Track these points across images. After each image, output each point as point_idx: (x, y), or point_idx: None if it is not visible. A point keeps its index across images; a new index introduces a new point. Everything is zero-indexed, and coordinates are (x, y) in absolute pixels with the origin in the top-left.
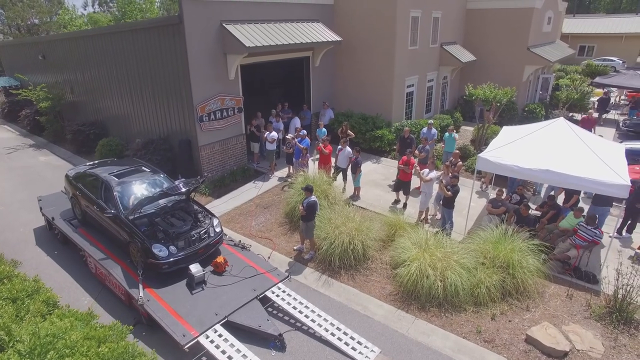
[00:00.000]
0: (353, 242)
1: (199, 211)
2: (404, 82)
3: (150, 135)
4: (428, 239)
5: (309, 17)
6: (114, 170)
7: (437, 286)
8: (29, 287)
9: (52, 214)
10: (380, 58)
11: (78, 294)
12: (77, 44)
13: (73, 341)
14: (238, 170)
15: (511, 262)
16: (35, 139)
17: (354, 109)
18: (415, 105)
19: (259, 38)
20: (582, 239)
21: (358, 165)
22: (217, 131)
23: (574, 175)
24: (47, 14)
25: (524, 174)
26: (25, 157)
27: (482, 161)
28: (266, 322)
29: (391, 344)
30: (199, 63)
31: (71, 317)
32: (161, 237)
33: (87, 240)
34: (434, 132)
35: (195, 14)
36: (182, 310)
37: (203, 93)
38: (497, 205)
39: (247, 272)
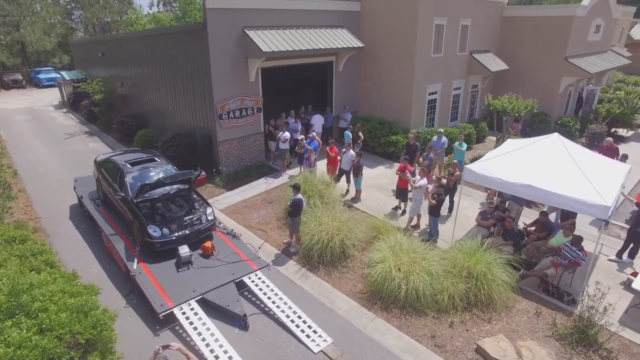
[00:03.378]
0: (332, 240)
1: (196, 200)
2: (425, 89)
3: (179, 129)
4: (402, 243)
5: (334, 23)
6: (130, 159)
7: (400, 288)
8: (35, 249)
9: (82, 193)
10: (401, 64)
11: (90, 263)
12: (127, 44)
13: (49, 291)
14: (253, 166)
15: (477, 273)
16: (90, 127)
17: (375, 114)
18: (439, 113)
19: (278, 43)
20: (565, 257)
21: (360, 168)
22: (235, 129)
23: (554, 192)
24: (118, 14)
25: (507, 187)
26: (79, 142)
27: (469, 172)
28: (235, 303)
29: (345, 337)
30: (220, 65)
31: (57, 274)
32: (158, 220)
33: (104, 218)
34: (444, 141)
35: (218, 20)
36: (165, 285)
37: (223, 93)
38: (486, 217)
39: (231, 258)
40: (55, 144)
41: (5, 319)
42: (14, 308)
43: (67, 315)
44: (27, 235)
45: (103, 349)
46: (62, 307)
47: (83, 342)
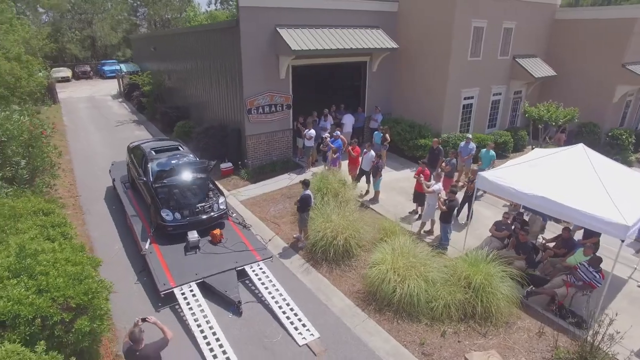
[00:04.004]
0: (337, 238)
1: (211, 189)
2: (460, 94)
3: (213, 122)
4: (405, 246)
5: (369, 23)
6: (157, 146)
7: (394, 292)
8: (56, 221)
9: (116, 176)
10: (435, 67)
11: (114, 240)
12: (174, 40)
13: (53, 258)
14: (279, 162)
15: (476, 284)
16: (139, 116)
17: (407, 116)
18: (474, 119)
19: (308, 42)
20: (579, 278)
21: (378, 169)
22: (263, 124)
23: (568, 206)
24: (178, 11)
25: (520, 198)
26: (127, 130)
27: (482, 180)
28: (232, 290)
29: (332, 334)
30: (251, 62)
31: (67, 245)
32: (172, 205)
33: (129, 200)
34: (472, 147)
35: (251, 18)
36: (171, 266)
37: (253, 89)
38: (500, 228)
39: (237, 247)
40: (107, 131)
41: (11, 277)
42: (20, 269)
43: (63, 281)
44: (52, 209)
45: (92, 315)
46: (61, 273)
47: (74, 306)
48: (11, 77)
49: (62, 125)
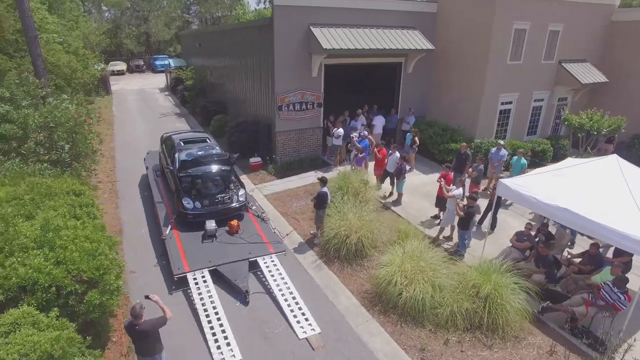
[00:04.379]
0: (350, 237)
1: (233, 181)
2: (497, 98)
3: (247, 117)
4: (417, 250)
5: (406, 24)
6: (186, 138)
7: (400, 295)
8: (85, 202)
9: (149, 164)
10: (472, 70)
11: (141, 225)
12: (216, 37)
13: (74, 234)
14: (308, 159)
15: (485, 294)
16: (181, 109)
17: (442, 119)
18: (512, 125)
19: (340, 41)
20: (601, 298)
21: (402, 171)
22: (294, 121)
23: (592, 220)
24: (228, 9)
25: (541, 208)
26: (169, 122)
27: (502, 187)
28: (242, 279)
29: (333, 331)
30: (284, 59)
31: (90, 224)
32: (193, 194)
33: (157, 187)
34: (503, 154)
35: (285, 17)
36: (188, 252)
37: (284, 86)
38: (522, 239)
39: (252, 239)
40: (150, 122)
41: (35, 248)
42: (44, 242)
43: (79, 255)
44: (83, 191)
45: (103, 289)
46: (78, 248)
47: (86, 279)
48: (68, 69)
49: (111, 115)
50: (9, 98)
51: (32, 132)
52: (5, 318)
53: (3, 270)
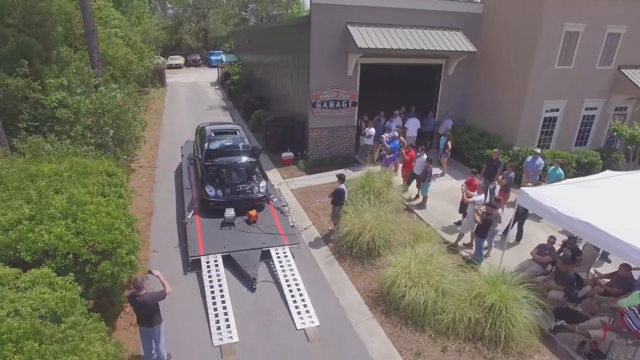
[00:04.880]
0: (362, 235)
1: (257, 173)
2: (541, 105)
3: (285, 113)
4: (427, 253)
5: (449, 25)
6: (218, 129)
7: (403, 297)
8: (115, 182)
9: (185, 153)
10: (514, 74)
11: (171, 208)
12: (263, 34)
13: (97, 210)
14: (339, 157)
15: (491, 305)
16: (228, 103)
17: (481, 124)
18: (558, 134)
19: (376, 40)
20: (624, 324)
21: (427, 174)
22: (327, 118)
23: (615, 237)
24: (284, 8)
25: (562, 221)
26: (213, 114)
27: (523, 196)
28: (251, 267)
29: (332, 325)
30: (320, 57)
31: (114, 202)
32: (217, 182)
33: (188, 175)
34: (539, 163)
35: (322, 15)
36: (205, 237)
37: (319, 83)
38: (543, 252)
39: (269, 229)
40: (197, 113)
41: (61, 218)
42: (68, 213)
43: (97, 228)
44: (116, 172)
45: (115, 261)
46: (98, 222)
47: (100, 250)
48: (125, 61)
49: (162, 105)
50: (67, 86)
51: (83, 117)
52: (26, 276)
53: (32, 235)
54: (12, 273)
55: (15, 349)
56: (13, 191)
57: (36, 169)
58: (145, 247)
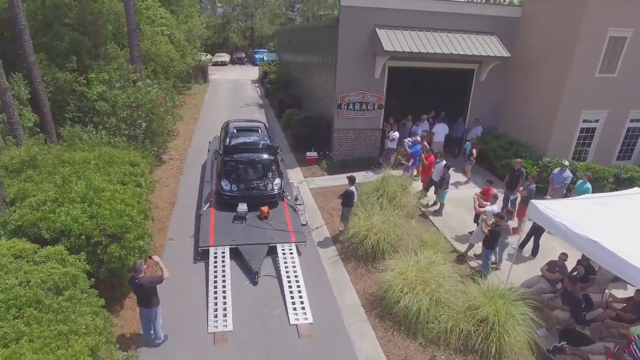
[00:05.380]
0: (368, 238)
1: (273, 170)
2: (578, 115)
3: (314, 112)
4: (425, 260)
5: (484, 29)
6: (241, 126)
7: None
8: (136, 172)
9: (211, 148)
10: (549, 81)
11: (193, 200)
12: (300, 34)
13: (112, 197)
14: (363, 159)
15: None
16: (264, 101)
17: (514, 132)
18: (597, 146)
19: (404, 44)
20: (630, 352)
21: (444, 181)
22: (352, 120)
23: (622, 258)
24: (330, 8)
25: (570, 238)
26: (248, 112)
27: (533, 209)
28: (256, 261)
29: (325, 324)
30: (347, 59)
31: (130, 191)
32: (233, 177)
33: (210, 168)
34: (567, 176)
35: (351, 17)
36: (217, 229)
37: (345, 85)
38: (553, 269)
39: (278, 226)
40: (233, 110)
41: (80, 202)
42: (86, 198)
43: (109, 214)
44: (139, 162)
45: (123, 245)
46: (111, 208)
47: (110, 234)
48: (166, 58)
49: (202, 100)
50: (107, 80)
51: (119, 110)
52: (42, 252)
53: (53, 215)
54: (31, 248)
55: (18, 314)
56: (45, 175)
57: (69, 156)
58: (162, 235)
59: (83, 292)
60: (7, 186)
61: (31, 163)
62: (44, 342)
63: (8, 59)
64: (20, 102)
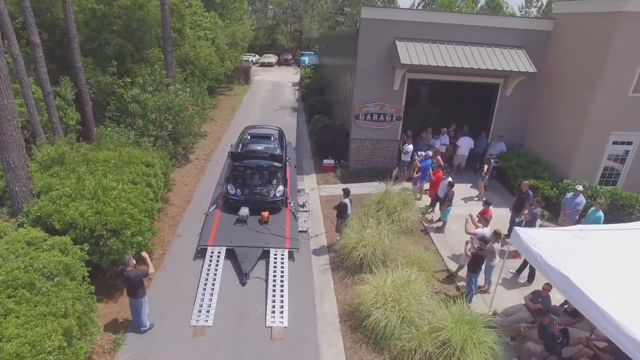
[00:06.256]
0: (355, 250)
1: (278, 177)
2: (607, 136)
3: (338, 120)
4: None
5: (511, 42)
6: (256, 133)
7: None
8: (149, 173)
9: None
10: (575, 98)
11: (208, 198)
12: (334, 40)
13: (118, 196)
14: (378, 169)
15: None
16: (299, 104)
17: (539, 150)
18: (629, 171)
19: (422, 57)
20: None
21: (447, 198)
22: (370, 130)
23: (589, 298)
24: None
25: (544, 269)
26: (280, 115)
27: (515, 236)
28: (248, 263)
29: (298, 330)
30: (366, 70)
31: (139, 190)
32: (239, 182)
33: (225, 170)
34: (579, 201)
35: (370, 29)
36: (218, 229)
37: (363, 96)
38: (536, 299)
39: (276, 231)
40: (267, 112)
41: (89, 199)
42: (95, 195)
43: (113, 211)
44: (154, 163)
45: (121, 240)
46: (115, 206)
47: (111, 229)
48: (205, 62)
49: (240, 102)
50: (142, 84)
51: (149, 112)
52: (49, 240)
53: (65, 209)
54: (42, 236)
55: (12, 294)
56: (69, 172)
57: (94, 155)
58: (173, 231)
59: (72, 280)
60: (37, 180)
61: (59, 160)
62: (26, 320)
63: (65, 61)
64: (66, 102)
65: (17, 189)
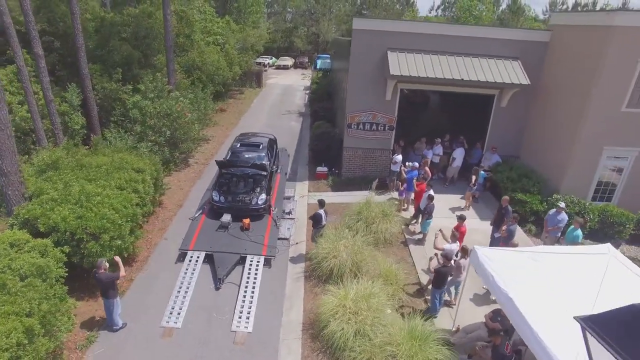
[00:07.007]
0: (327, 261)
1: (262, 186)
2: (600, 151)
3: (336, 128)
4: (366, 291)
5: (507, 53)
6: (246, 141)
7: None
8: (137, 178)
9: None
10: (568, 112)
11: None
12: (339, 46)
13: (101, 201)
14: (371, 178)
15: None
16: (306, 109)
17: (534, 164)
18: (623, 188)
19: (413, 68)
20: None
21: (426, 211)
22: (362, 140)
23: (527, 321)
24: (397, 16)
25: (494, 290)
26: (285, 120)
27: (473, 255)
28: (223, 268)
29: (261, 335)
30: (358, 80)
31: (123, 196)
32: (224, 189)
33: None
34: (562, 219)
35: (362, 40)
36: (201, 234)
37: (356, 105)
38: (496, 319)
39: (255, 238)
40: (273, 117)
41: (72, 204)
42: (78, 201)
43: (93, 216)
44: (144, 169)
45: (100, 243)
46: (96, 211)
47: (90, 233)
48: (212, 67)
49: (249, 106)
50: (143, 91)
51: (148, 118)
52: (31, 243)
53: (50, 213)
54: (25, 238)
55: None
56: (61, 177)
57: (88, 160)
58: (160, 234)
59: (44, 281)
60: (31, 184)
61: (53, 165)
62: None
63: (76, 67)
64: (72, 107)
65: (10, 192)
